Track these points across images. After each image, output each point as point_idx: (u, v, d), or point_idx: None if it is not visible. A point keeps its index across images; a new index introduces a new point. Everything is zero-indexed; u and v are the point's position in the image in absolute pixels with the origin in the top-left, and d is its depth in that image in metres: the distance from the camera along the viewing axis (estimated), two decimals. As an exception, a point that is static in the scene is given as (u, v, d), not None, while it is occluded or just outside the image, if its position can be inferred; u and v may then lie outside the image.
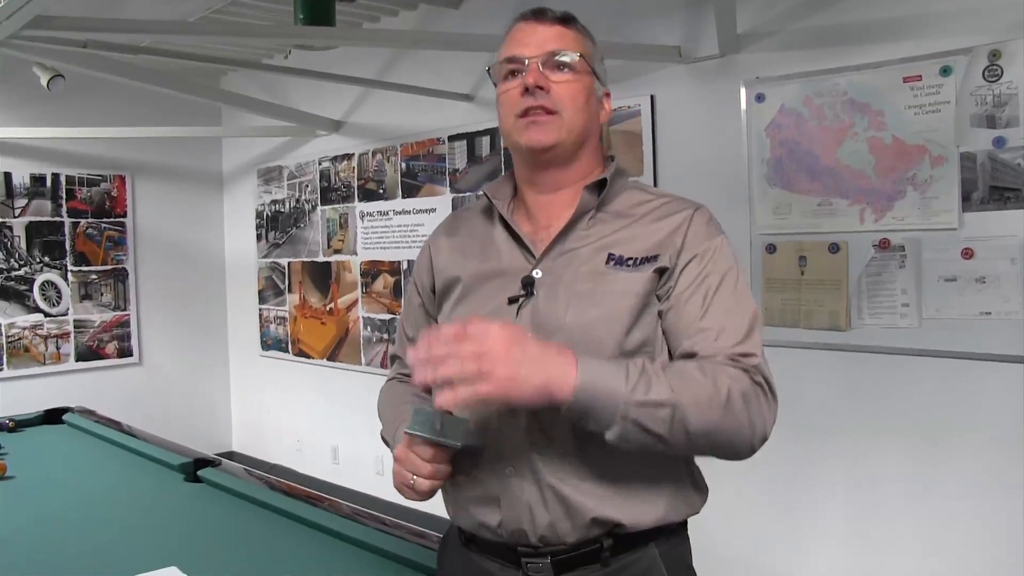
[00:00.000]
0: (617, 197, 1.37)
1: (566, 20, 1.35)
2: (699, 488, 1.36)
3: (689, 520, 1.36)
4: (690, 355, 1.24)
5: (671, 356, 1.28)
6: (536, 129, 1.31)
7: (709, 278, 1.27)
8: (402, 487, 1.27)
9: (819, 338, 3.07)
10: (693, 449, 1.20)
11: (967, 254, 2.72)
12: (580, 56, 1.32)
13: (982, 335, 2.70)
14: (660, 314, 1.29)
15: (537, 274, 1.32)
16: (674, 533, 1.32)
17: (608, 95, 1.41)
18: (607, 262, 1.30)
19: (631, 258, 1.29)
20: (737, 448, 1.20)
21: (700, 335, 1.24)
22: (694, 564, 1.38)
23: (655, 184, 3.51)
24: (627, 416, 1.12)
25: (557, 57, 1.30)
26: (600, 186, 1.35)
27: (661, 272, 1.28)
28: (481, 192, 1.44)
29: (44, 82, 4.28)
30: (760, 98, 3.18)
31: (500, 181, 1.45)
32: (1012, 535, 2.67)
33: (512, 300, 1.31)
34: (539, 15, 1.34)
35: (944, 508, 2.83)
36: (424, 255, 1.53)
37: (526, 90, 1.30)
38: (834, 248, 3.02)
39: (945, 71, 2.72)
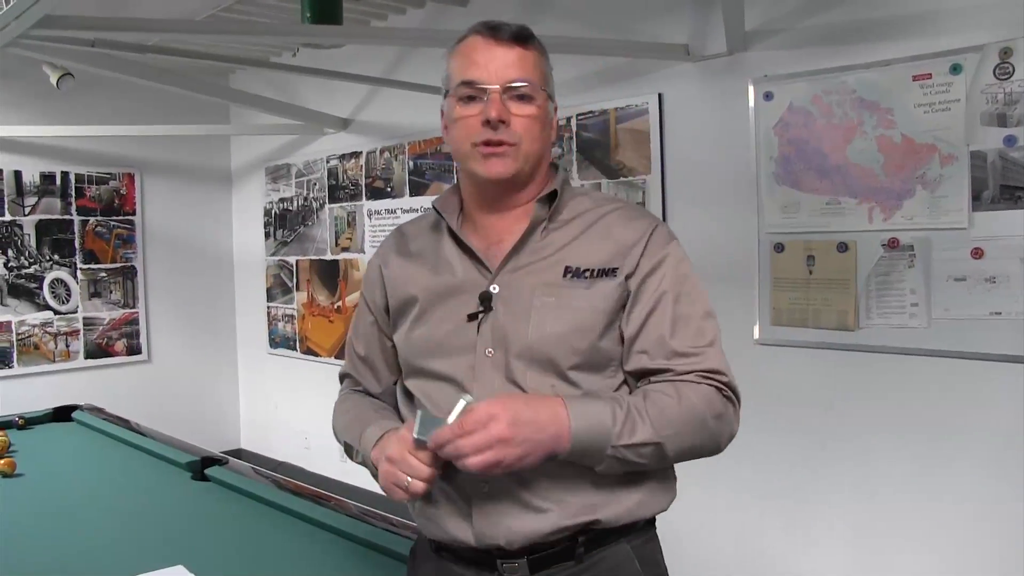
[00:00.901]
0: (567, 205, 1.39)
1: (523, 39, 1.32)
2: (669, 485, 1.38)
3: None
4: (658, 371, 1.29)
5: (623, 362, 1.32)
6: (496, 161, 1.31)
7: (668, 292, 1.31)
8: (393, 488, 1.27)
9: (827, 338, 3.06)
10: (669, 464, 1.33)
11: (977, 254, 2.70)
12: (540, 87, 1.32)
13: (992, 335, 2.68)
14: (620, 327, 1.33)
15: (495, 289, 1.33)
16: (644, 530, 1.36)
17: (556, 108, 1.41)
18: (564, 274, 1.31)
19: (588, 269, 1.31)
20: (707, 454, 1.31)
21: (666, 353, 1.29)
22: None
23: (663, 183, 3.50)
24: (615, 456, 1.22)
25: (517, 88, 1.30)
26: (551, 198, 1.36)
27: (622, 289, 1.31)
28: (430, 206, 1.44)
29: (53, 81, 4.29)
30: (768, 96, 3.17)
31: (446, 195, 1.45)
32: (1019, 537, 2.66)
33: (472, 317, 1.32)
34: (496, 32, 1.31)
35: (951, 510, 2.82)
36: (374, 272, 1.52)
37: (487, 121, 1.29)
38: (842, 247, 3.01)
39: (955, 69, 2.71)
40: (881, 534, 2.99)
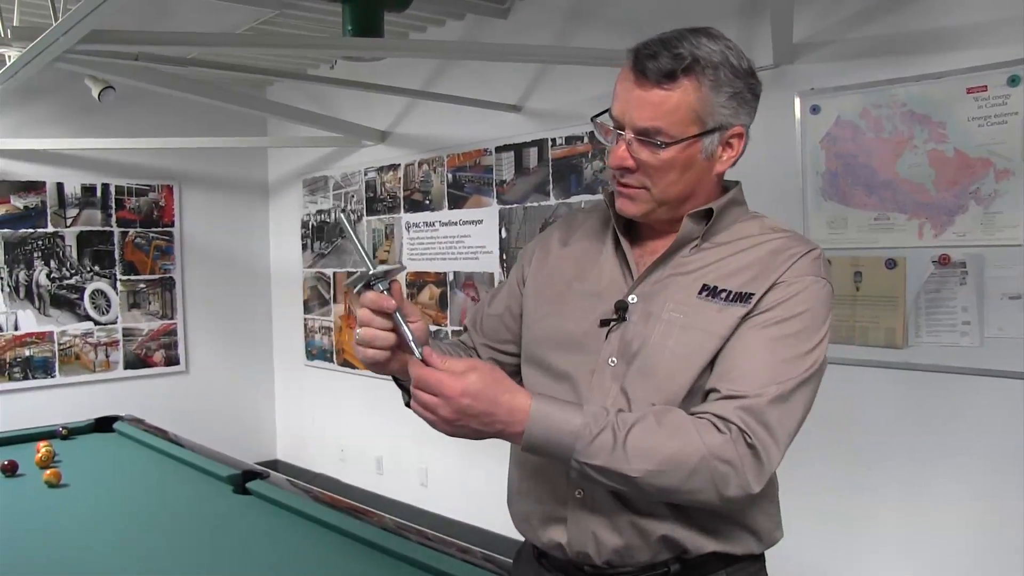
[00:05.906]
0: (729, 227, 1.32)
1: (671, 77, 1.21)
2: (771, 528, 1.33)
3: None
4: (713, 390, 1.21)
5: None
6: (625, 201, 1.29)
7: (771, 312, 1.22)
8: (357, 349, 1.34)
9: (875, 356, 2.99)
10: (658, 498, 1.20)
11: (1034, 271, 2.63)
12: (681, 132, 1.22)
13: (1049, 355, 2.61)
14: None
15: (632, 299, 1.30)
16: (750, 560, 1.31)
17: (740, 136, 1.30)
18: (700, 292, 1.26)
19: (724, 290, 1.25)
20: (702, 503, 1.18)
21: (730, 373, 1.20)
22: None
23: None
24: (580, 471, 1.16)
25: (648, 136, 1.22)
26: (707, 215, 1.30)
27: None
28: (604, 197, 1.39)
29: (95, 94, 4.34)
30: (815, 109, 3.12)
31: None
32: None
33: (604, 323, 1.30)
34: (642, 71, 1.22)
35: (1006, 535, 2.74)
36: (531, 249, 1.50)
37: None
38: (891, 264, 2.94)
39: (1013, 81, 2.64)
40: (932, 559, 2.91)
